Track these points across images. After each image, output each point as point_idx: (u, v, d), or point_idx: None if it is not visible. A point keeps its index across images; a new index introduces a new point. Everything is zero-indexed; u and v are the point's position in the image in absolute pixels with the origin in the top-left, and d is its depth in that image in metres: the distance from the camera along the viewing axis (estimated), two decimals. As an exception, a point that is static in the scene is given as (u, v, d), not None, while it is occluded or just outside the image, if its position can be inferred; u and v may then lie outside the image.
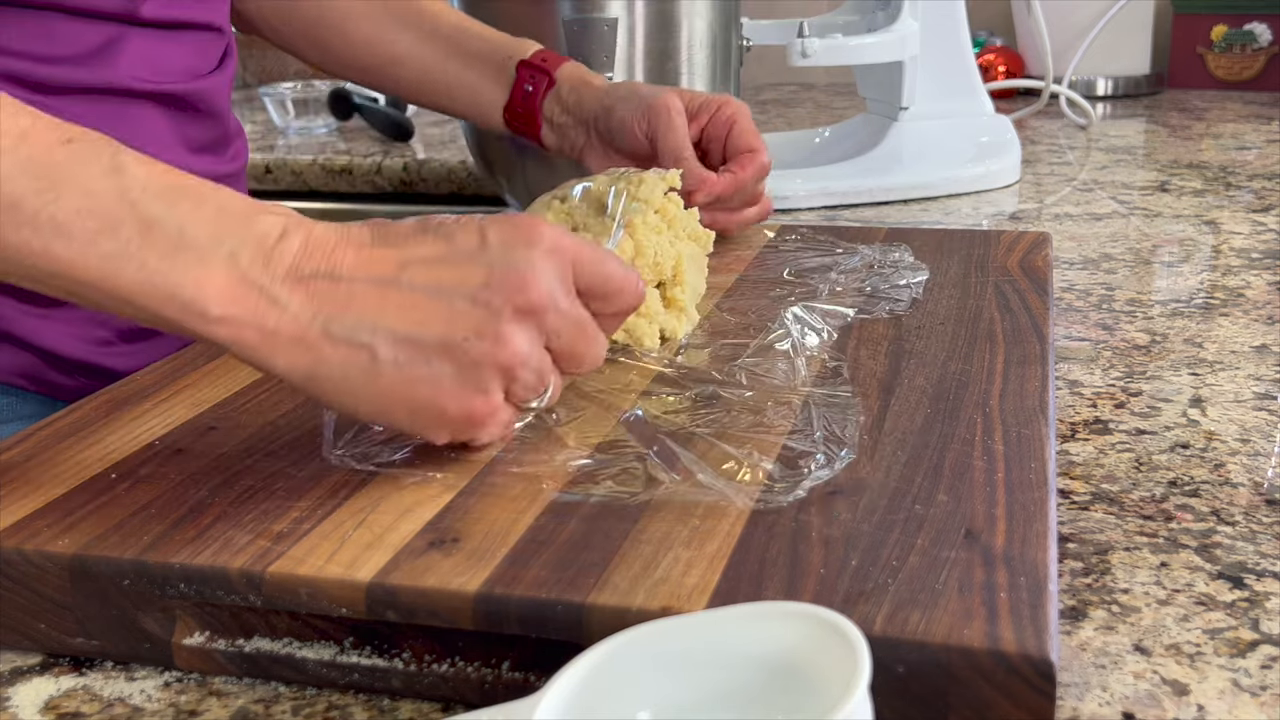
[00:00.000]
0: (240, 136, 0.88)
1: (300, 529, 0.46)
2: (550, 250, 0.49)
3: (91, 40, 0.72)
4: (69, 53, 0.71)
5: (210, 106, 0.81)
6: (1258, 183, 1.23)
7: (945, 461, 0.50)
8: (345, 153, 1.57)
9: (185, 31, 0.78)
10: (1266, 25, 1.82)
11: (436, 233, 0.49)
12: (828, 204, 1.17)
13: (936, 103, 1.23)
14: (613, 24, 1.02)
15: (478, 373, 0.47)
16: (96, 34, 0.72)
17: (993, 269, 0.79)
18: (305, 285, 0.46)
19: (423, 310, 0.47)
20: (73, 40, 0.71)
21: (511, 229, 0.49)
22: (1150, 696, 0.42)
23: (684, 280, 0.69)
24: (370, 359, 0.46)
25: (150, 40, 0.75)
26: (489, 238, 0.48)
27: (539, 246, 0.48)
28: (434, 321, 0.47)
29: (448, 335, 0.47)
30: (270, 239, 0.47)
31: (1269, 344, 0.76)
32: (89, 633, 0.46)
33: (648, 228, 0.68)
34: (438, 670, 0.43)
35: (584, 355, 0.51)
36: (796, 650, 0.35)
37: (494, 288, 0.47)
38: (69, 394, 0.76)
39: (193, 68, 0.79)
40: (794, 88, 2.08)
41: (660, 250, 0.67)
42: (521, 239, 0.48)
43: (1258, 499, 0.56)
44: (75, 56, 0.71)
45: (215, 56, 0.82)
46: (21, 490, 0.50)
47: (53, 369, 0.76)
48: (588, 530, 0.45)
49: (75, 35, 0.71)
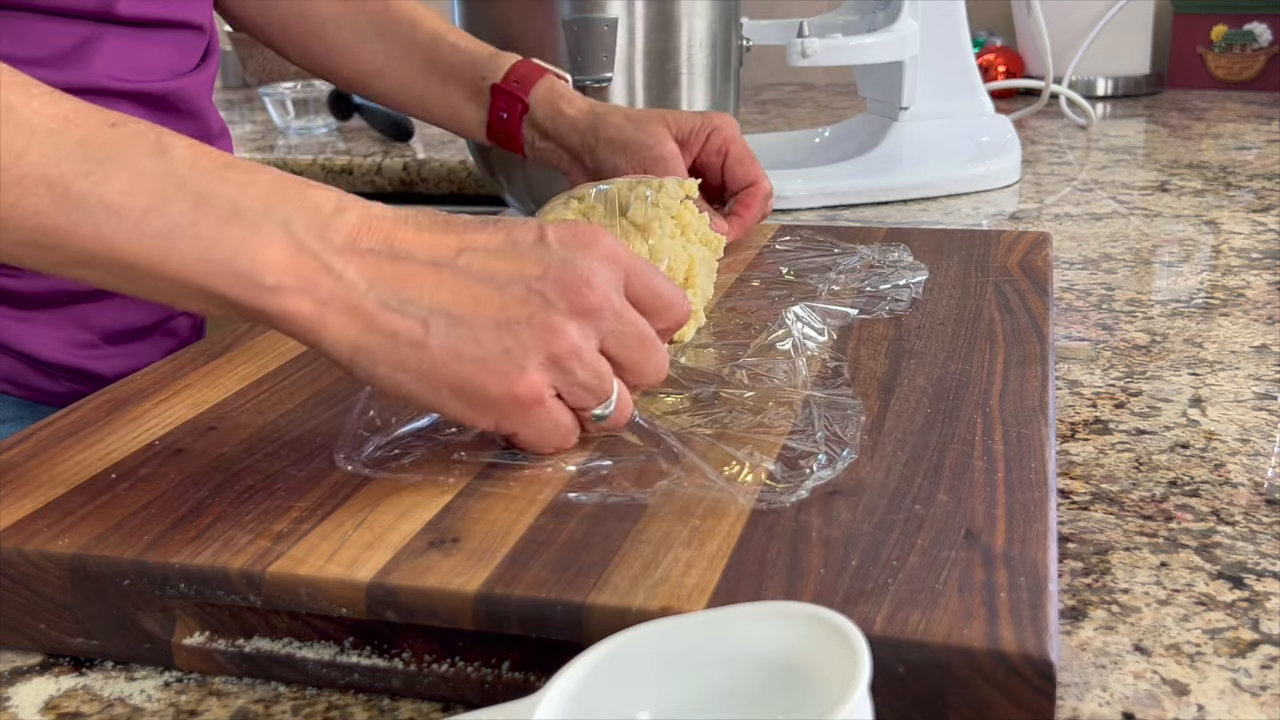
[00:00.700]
0: (224, 136, 0.86)
1: (300, 529, 0.46)
2: (608, 257, 0.49)
3: (66, 41, 0.71)
4: (43, 54, 0.70)
5: (191, 106, 0.80)
6: (1258, 183, 1.23)
7: (945, 461, 0.50)
8: (345, 153, 1.57)
9: (164, 30, 0.77)
10: (1266, 25, 1.82)
11: (496, 225, 0.49)
12: (828, 204, 1.17)
13: (936, 103, 1.23)
14: (613, 24, 1.02)
15: (525, 356, 0.47)
16: (71, 34, 0.71)
17: (993, 269, 0.79)
18: (362, 258, 0.46)
19: (477, 294, 0.47)
20: (46, 41, 0.70)
21: (571, 232, 0.49)
22: (1150, 696, 0.42)
23: (696, 284, 0.69)
24: (421, 334, 0.46)
25: (127, 39, 0.74)
26: (548, 236, 0.49)
27: (597, 251, 0.49)
28: (487, 306, 0.47)
29: (500, 319, 0.47)
30: (325, 210, 0.46)
31: (1269, 344, 0.76)
32: (89, 633, 0.46)
33: (664, 233, 0.68)
34: (438, 670, 0.43)
35: (644, 364, 0.50)
36: (796, 650, 0.35)
37: (550, 281, 0.47)
38: (53, 398, 0.76)
39: (172, 66, 0.78)
40: (794, 88, 2.08)
41: (674, 255, 0.68)
42: (581, 242, 0.49)
43: (1258, 499, 0.56)
44: (49, 58, 0.70)
45: (195, 55, 0.81)
46: (21, 490, 0.50)
47: (36, 373, 0.75)
48: (588, 530, 0.45)
49: (49, 36, 0.70)
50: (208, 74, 0.82)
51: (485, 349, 0.47)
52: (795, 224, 0.94)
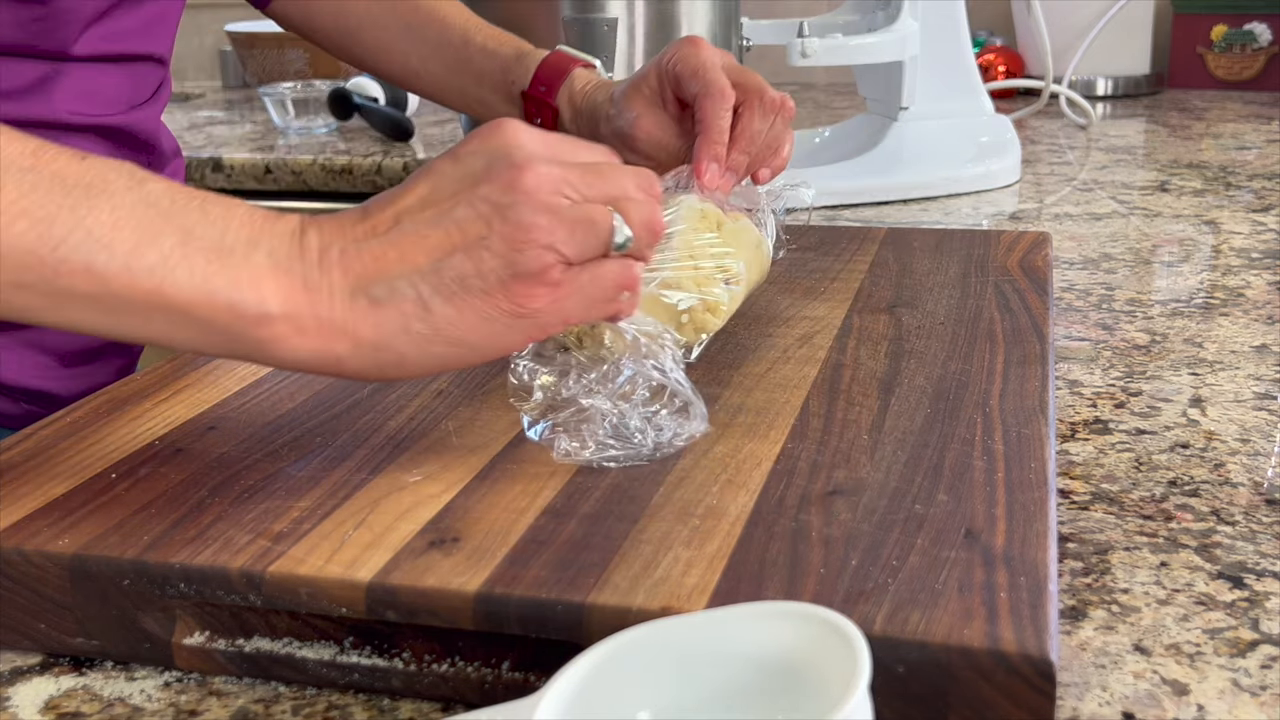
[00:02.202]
0: (177, 156, 0.87)
1: (300, 529, 0.46)
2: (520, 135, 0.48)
3: (27, 76, 0.71)
4: (4, 88, 0.70)
5: (146, 136, 0.80)
6: (1258, 183, 1.23)
7: (945, 461, 0.50)
8: (345, 153, 1.57)
9: (122, 64, 0.77)
10: (1266, 25, 1.82)
11: (413, 179, 0.49)
12: (828, 204, 1.17)
13: (936, 103, 1.23)
14: (613, 24, 1.02)
15: (510, 252, 0.47)
16: (32, 70, 0.71)
17: (993, 269, 0.79)
18: (335, 265, 0.47)
19: (436, 240, 0.47)
20: (7, 77, 0.70)
21: (477, 136, 0.49)
22: (1150, 696, 0.42)
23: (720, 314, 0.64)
24: (419, 304, 0.47)
25: (87, 73, 0.74)
26: (459, 154, 0.49)
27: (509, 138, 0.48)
28: (450, 241, 0.47)
29: (466, 243, 0.47)
30: (295, 235, 0.47)
31: (1269, 344, 0.76)
32: (89, 633, 0.46)
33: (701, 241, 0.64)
34: (438, 670, 0.43)
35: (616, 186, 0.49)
36: (796, 650, 0.35)
37: (482, 184, 0.47)
38: (10, 420, 0.76)
39: (128, 99, 0.78)
40: (794, 88, 2.08)
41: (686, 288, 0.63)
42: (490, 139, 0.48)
43: (1258, 499, 0.56)
44: (10, 92, 0.70)
45: (151, 86, 0.81)
46: (21, 490, 0.50)
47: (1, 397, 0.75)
48: (588, 530, 0.45)
49: (10, 72, 0.71)
50: (161, 102, 0.83)
51: (476, 273, 0.47)
52: (794, 224, 0.94)
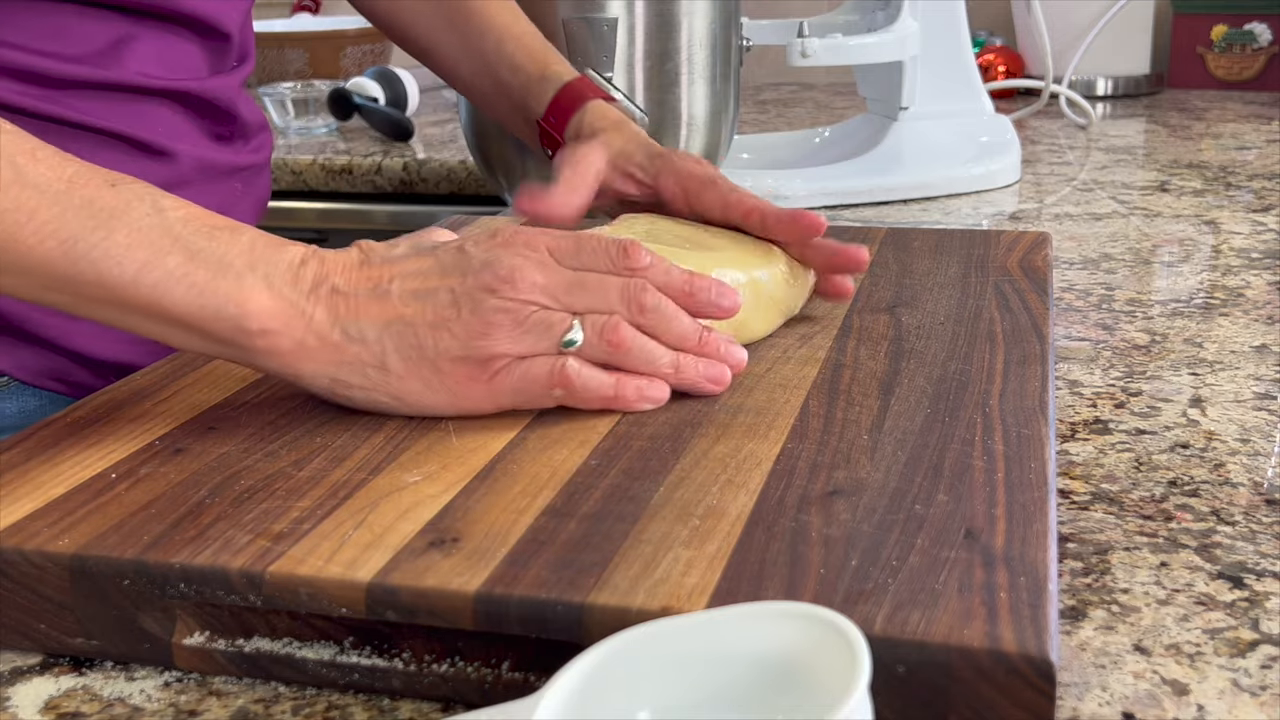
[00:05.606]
0: (264, 130, 0.87)
1: (300, 529, 0.46)
2: (526, 246, 0.55)
3: (101, 38, 0.73)
4: (79, 51, 0.72)
5: (224, 104, 0.81)
6: (1258, 183, 1.23)
7: (945, 461, 0.50)
8: (345, 153, 1.56)
9: (194, 31, 0.78)
10: (1266, 25, 1.82)
11: (426, 252, 0.56)
12: (828, 204, 1.17)
13: (936, 103, 1.23)
14: (613, 24, 1.02)
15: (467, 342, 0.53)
16: (107, 32, 0.73)
17: (993, 269, 0.79)
18: (323, 300, 0.54)
19: (411, 311, 0.54)
20: (82, 38, 0.72)
21: (488, 236, 0.56)
22: (1150, 696, 0.42)
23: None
24: (379, 357, 0.54)
25: (160, 38, 0.76)
26: (467, 246, 0.55)
27: (513, 242, 0.55)
28: (419, 317, 0.54)
29: (434, 320, 0.54)
30: (295, 264, 0.54)
31: (1269, 344, 0.76)
32: (89, 633, 0.46)
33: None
34: (438, 670, 0.43)
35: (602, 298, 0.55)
36: (796, 650, 0.35)
37: (469, 277, 0.54)
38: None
39: (202, 68, 0.79)
40: (794, 88, 2.08)
41: None
42: (500, 242, 0.55)
43: (1258, 499, 0.56)
44: (85, 55, 0.72)
45: (226, 58, 0.82)
46: (21, 490, 0.50)
47: (83, 369, 0.76)
48: (588, 530, 0.45)
49: (85, 32, 0.72)
50: (238, 76, 0.83)
51: (433, 346, 0.54)
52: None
